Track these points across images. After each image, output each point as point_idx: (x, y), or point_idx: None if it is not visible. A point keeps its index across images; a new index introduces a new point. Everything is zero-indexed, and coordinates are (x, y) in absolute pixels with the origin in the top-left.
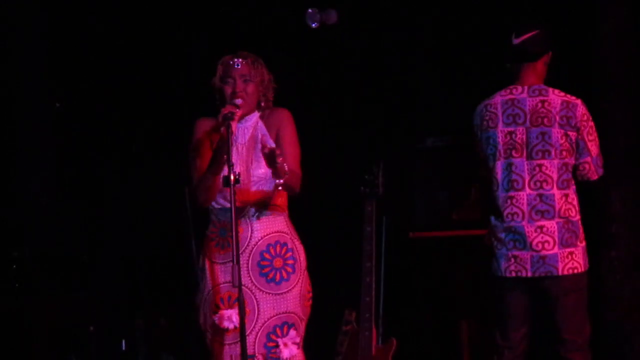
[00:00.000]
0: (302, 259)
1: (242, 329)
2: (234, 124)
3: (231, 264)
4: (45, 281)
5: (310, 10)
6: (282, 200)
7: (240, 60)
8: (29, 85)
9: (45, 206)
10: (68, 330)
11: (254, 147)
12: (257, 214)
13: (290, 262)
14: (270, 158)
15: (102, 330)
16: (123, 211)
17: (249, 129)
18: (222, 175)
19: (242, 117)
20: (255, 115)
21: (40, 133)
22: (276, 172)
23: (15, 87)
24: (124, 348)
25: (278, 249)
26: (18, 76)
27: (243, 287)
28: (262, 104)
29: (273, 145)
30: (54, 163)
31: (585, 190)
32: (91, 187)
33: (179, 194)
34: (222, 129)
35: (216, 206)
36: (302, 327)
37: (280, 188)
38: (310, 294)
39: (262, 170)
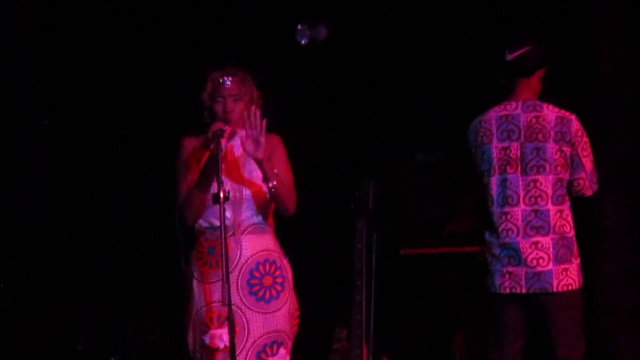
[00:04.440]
0: (290, 277)
1: (232, 348)
2: (223, 141)
3: (221, 282)
4: (37, 292)
5: (299, 27)
6: (270, 218)
7: (229, 78)
8: (19, 96)
9: (36, 217)
10: (59, 341)
11: (244, 167)
12: (245, 231)
13: (279, 280)
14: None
15: (94, 342)
16: (116, 222)
17: (238, 147)
18: (211, 192)
19: (232, 135)
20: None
21: (31, 144)
22: (265, 174)
23: (5, 99)
24: None
25: (267, 267)
26: (8, 87)
27: (233, 306)
28: None
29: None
30: (46, 174)
31: (578, 204)
32: (83, 198)
33: (172, 205)
34: (212, 145)
35: (204, 224)
36: (290, 345)
37: (273, 190)
38: (298, 313)
39: (254, 189)
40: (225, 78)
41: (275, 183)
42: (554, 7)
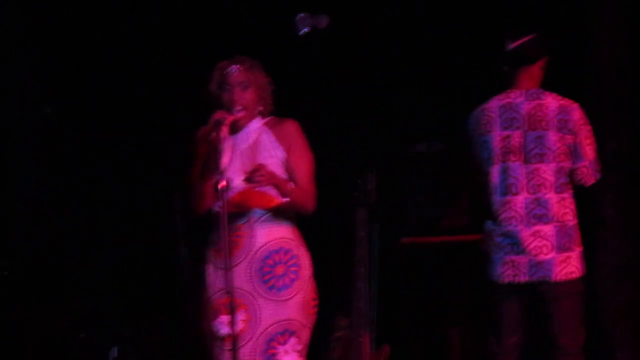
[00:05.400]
0: (306, 265)
1: (233, 338)
2: (224, 130)
3: (236, 269)
4: (35, 289)
5: (300, 15)
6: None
7: (237, 66)
8: (17, 92)
9: (34, 214)
10: (58, 338)
11: (258, 154)
12: (260, 219)
13: (293, 269)
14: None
15: (92, 339)
16: (113, 218)
17: (251, 134)
18: (214, 181)
19: (235, 124)
20: (258, 121)
21: (29, 141)
22: (278, 189)
23: (5, 96)
24: (116, 355)
25: (282, 255)
26: (6, 83)
27: (244, 292)
28: (261, 108)
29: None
30: (44, 171)
31: (577, 195)
32: (81, 195)
33: (170, 200)
34: (212, 134)
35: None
36: (305, 334)
37: (287, 205)
38: (316, 302)
39: None
40: (233, 66)
41: (288, 200)
42: (553, 4)
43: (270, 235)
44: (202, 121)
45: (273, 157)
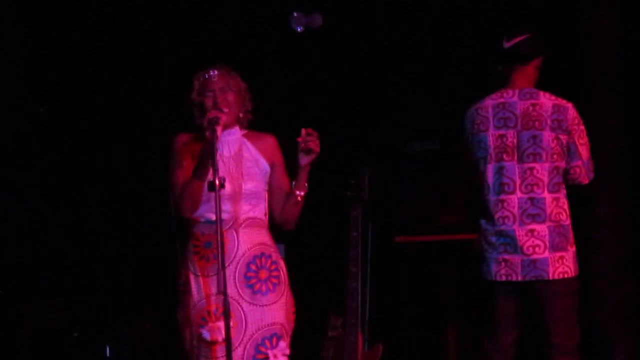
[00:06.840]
0: (285, 270)
1: (227, 338)
2: (219, 128)
3: (217, 276)
4: (29, 287)
5: (295, 14)
6: (266, 213)
7: (215, 72)
8: (8, 90)
9: (28, 211)
10: (52, 335)
11: (241, 163)
12: (242, 224)
13: (275, 273)
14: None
15: (86, 336)
16: (107, 216)
17: (233, 143)
18: (207, 180)
19: (224, 129)
20: (237, 130)
21: (21, 137)
22: (298, 185)
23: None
24: (108, 354)
25: (263, 260)
26: (1, 82)
27: (230, 299)
28: (241, 115)
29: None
30: (36, 167)
31: (573, 194)
32: (75, 191)
33: (165, 198)
34: (208, 133)
35: (201, 219)
36: (289, 338)
37: (299, 199)
38: (294, 309)
39: (252, 184)
40: (211, 72)
41: (303, 193)
42: (550, 3)
43: (252, 240)
44: (184, 125)
45: (256, 168)
